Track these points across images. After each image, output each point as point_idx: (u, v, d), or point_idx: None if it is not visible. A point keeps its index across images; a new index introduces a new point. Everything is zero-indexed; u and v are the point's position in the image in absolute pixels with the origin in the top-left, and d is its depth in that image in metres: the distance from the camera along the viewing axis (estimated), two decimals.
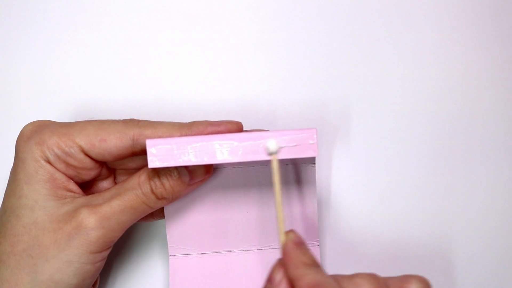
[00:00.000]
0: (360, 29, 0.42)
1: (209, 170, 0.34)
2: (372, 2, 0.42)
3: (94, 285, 0.35)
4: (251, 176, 0.36)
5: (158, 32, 0.42)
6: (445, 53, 0.42)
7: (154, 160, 0.30)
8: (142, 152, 0.32)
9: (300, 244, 0.29)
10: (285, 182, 0.36)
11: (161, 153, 0.30)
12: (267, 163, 0.35)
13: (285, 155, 0.30)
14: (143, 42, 0.42)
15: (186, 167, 0.33)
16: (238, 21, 0.42)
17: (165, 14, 0.42)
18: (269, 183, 0.36)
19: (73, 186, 0.33)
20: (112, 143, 0.32)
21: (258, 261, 0.37)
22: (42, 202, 0.31)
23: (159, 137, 0.32)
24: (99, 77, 0.41)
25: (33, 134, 0.32)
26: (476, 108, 0.41)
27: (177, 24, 0.42)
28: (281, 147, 0.30)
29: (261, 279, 0.36)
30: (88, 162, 0.33)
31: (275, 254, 0.36)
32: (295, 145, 0.30)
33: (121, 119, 0.33)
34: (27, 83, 0.41)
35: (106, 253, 0.33)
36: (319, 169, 0.40)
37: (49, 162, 0.32)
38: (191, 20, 0.42)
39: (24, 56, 0.41)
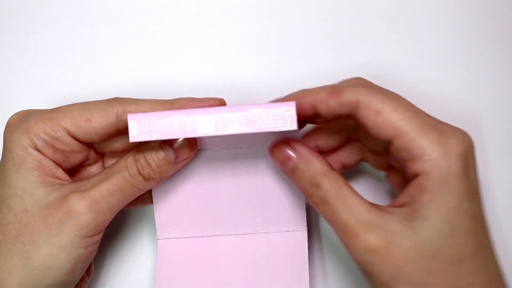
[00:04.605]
0: (356, 20, 0.41)
1: (194, 147, 0.34)
2: None
3: (88, 271, 0.36)
4: (237, 158, 0.35)
5: (139, 14, 0.42)
6: (441, 42, 0.41)
7: (135, 135, 0.30)
8: (127, 130, 0.32)
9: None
10: (271, 168, 0.35)
11: (142, 127, 0.30)
12: (253, 144, 0.35)
13: (263, 128, 0.29)
14: (124, 26, 0.42)
15: (171, 145, 0.33)
16: (224, 3, 0.42)
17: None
18: (256, 166, 0.35)
19: (61, 174, 0.33)
20: (97, 122, 0.32)
21: (247, 245, 0.36)
22: (31, 189, 0.32)
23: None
24: (86, 69, 0.41)
25: (19, 123, 0.33)
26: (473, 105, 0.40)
27: (159, 3, 0.42)
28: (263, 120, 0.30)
29: (250, 263, 0.36)
30: (75, 144, 0.33)
31: (263, 239, 0.36)
32: (274, 118, 0.30)
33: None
34: (13, 76, 0.42)
35: (97, 237, 0.33)
36: None
37: (37, 149, 0.32)
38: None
39: (9, 50, 0.42)
